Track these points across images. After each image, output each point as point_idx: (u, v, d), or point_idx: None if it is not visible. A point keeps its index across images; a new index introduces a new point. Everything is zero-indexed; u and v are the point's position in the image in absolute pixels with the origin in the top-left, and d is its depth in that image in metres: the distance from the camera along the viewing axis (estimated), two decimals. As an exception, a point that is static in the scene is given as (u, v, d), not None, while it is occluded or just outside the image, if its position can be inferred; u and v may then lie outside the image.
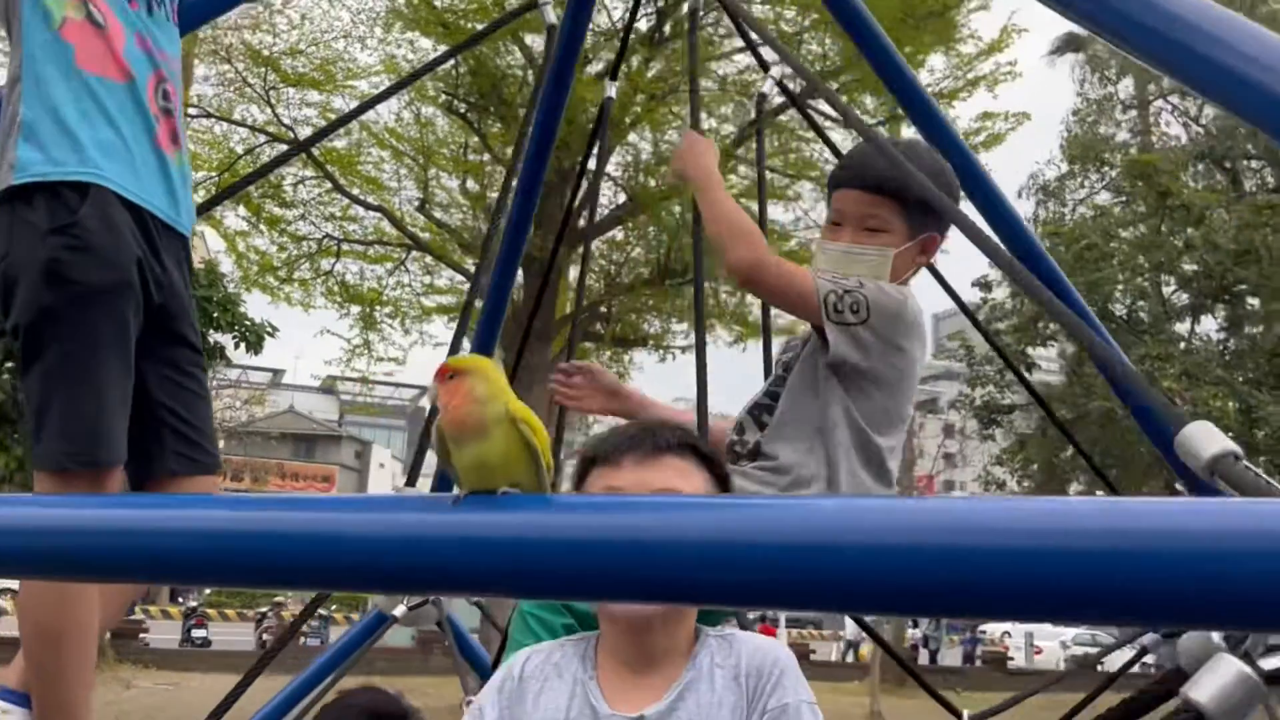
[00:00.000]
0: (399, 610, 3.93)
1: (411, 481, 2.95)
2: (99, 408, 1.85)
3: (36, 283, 1.82)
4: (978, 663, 27.09)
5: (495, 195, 15.48)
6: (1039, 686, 3.21)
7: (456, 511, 1.01)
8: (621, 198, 14.88)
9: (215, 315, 12.65)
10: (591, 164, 4.43)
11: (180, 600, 26.58)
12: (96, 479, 1.86)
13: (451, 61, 14.38)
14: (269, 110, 14.96)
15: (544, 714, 1.52)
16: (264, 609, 24.94)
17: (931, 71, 14.33)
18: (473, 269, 15.57)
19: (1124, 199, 18.72)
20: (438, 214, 15.67)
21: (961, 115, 14.92)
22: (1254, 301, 18.01)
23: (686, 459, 1.58)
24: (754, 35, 3.60)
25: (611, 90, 3.06)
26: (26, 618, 1.93)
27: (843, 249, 2.17)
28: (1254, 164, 20.87)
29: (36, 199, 1.84)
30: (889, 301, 2.09)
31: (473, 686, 3.62)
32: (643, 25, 13.78)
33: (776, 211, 14.88)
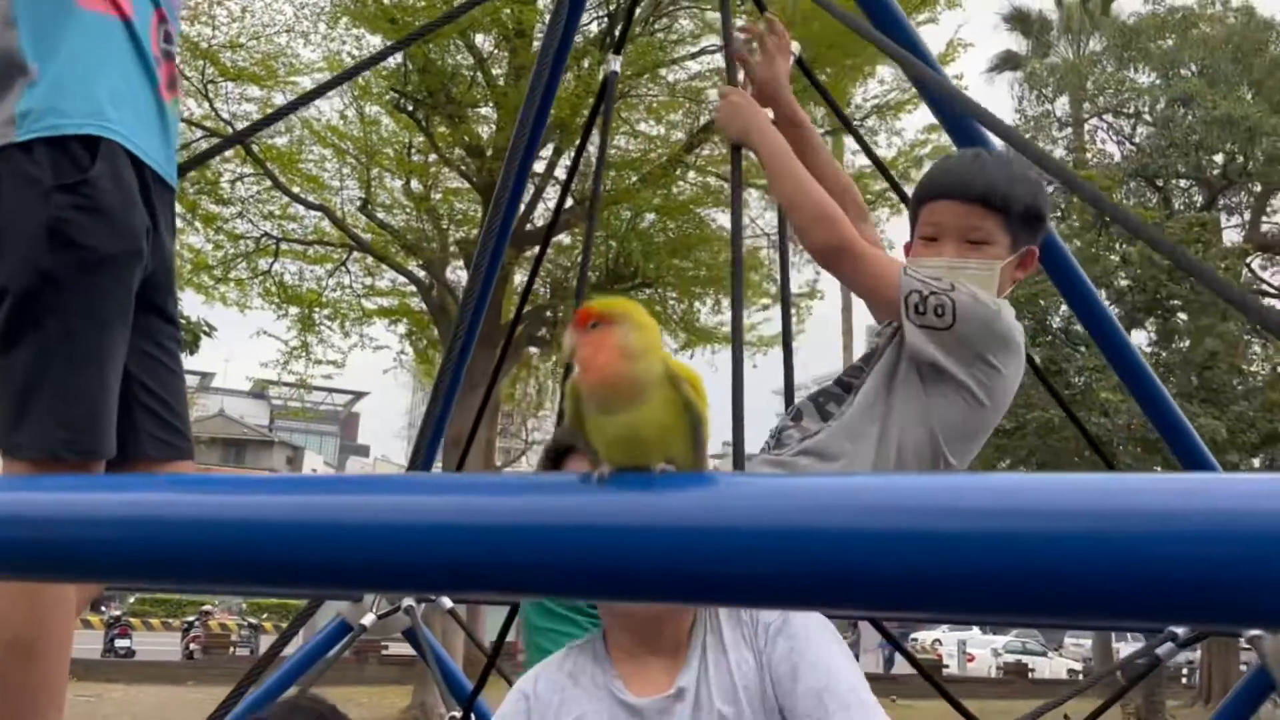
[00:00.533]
0: (368, 619, 3.74)
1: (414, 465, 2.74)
2: (102, 390, 1.65)
3: (37, 243, 1.59)
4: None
5: (439, 196, 15.35)
6: (1069, 694, 3.15)
7: (606, 493, 0.81)
8: (569, 201, 14.72)
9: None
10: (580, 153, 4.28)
11: (103, 609, 25.68)
12: (86, 473, 1.66)
13: (398, 58, 14.15)
14: (206, 104, 14.53)
15: None
16: (191, 618, 24.19)
17: (881, 83, 14.46)
18: (416, 271, 15.31)
19: (1060, 214, 19.05)
20: (380, 215, 15.36)
21: (908, 127, 15.11)
22: (1184, 316, 18.44)
23: None
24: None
25: (615, 64, 2.88)
26: None
27: (945, 264, 2.00)
28: (1183, 183, 21.42)
29: (38, 150, 1.61)
30: (980, 310, 1.93)
31: (451, 703, 3.45)
32: (594, 29, 13.68)
33: (726, 220, 14.86)
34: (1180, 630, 3.13)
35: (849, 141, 16.22)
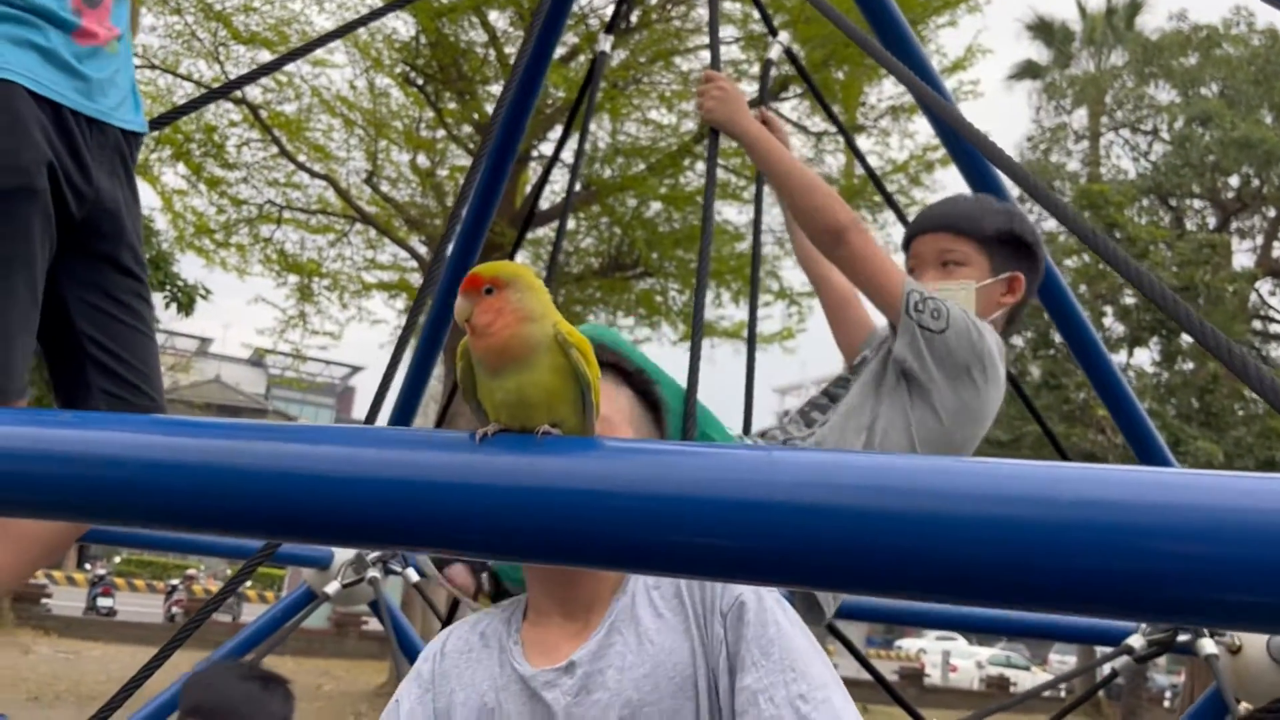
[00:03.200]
0: (332, 588, 3.67)
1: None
2: None
3: None
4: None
5: (446, 173, 15.24)
6: (1004, 704, 3.07)
7: (482, 451, 0.78)
8: (577, 185, 14.63)
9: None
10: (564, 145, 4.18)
11: (88, 567, 25.67)
12: None
13: (412, 33, 14.05)
14: (217, 67, 14.43)
15: (468, 692, 1.32)
16: (174, 581, 24.19)
17: (896, 84, 14.31)
18: (418, 246, 15.22)
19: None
20: (385, 188, 15.28)
21: (920, 130, 14.95)
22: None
23: (606, 378, 1.35)
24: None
25: (606, 44, 2.81)
26: None
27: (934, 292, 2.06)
28: (1196, 204, 21.30)
29: None
30: (968, 326, 1.97)
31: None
32: (609, 13, 13.56)
33: (730, 213, 14.76)
34: (1136, 644, 3.06)
35: (861, 143, 16.10)
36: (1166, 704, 25.77)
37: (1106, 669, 3.19)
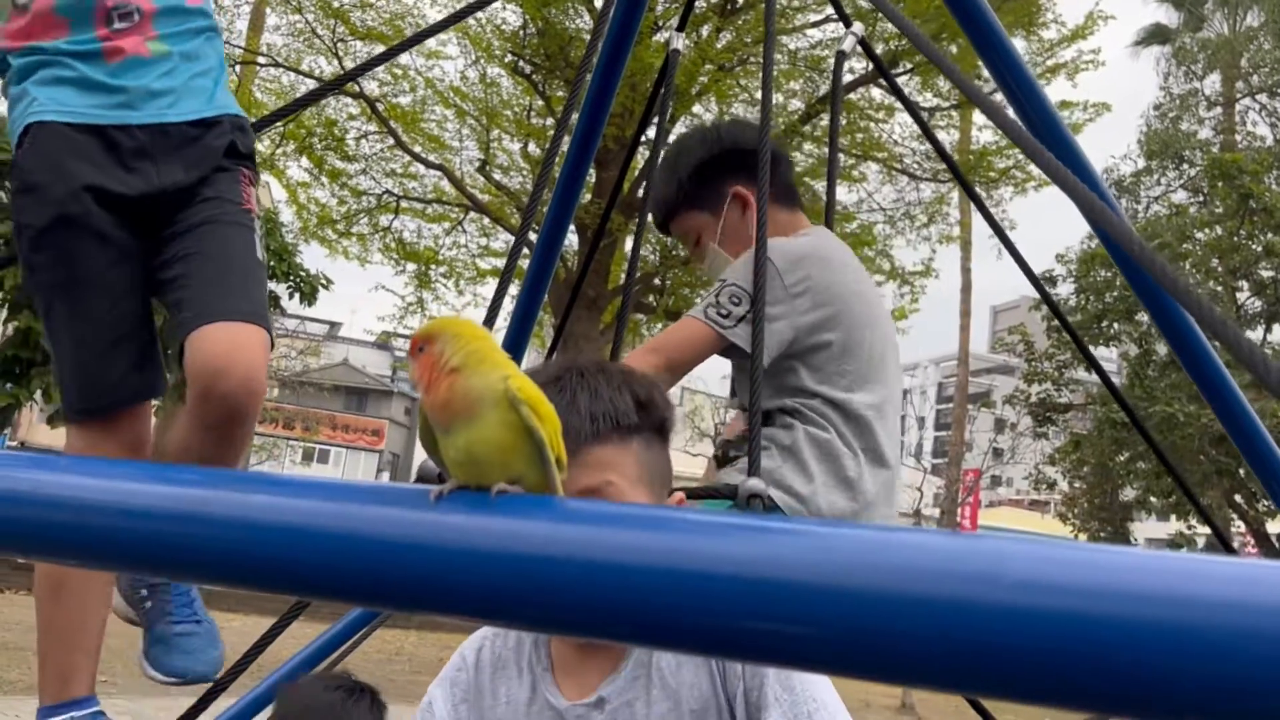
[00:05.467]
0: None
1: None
2: (74, 353, 1.77)
3: (15, 239, 1.78)
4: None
5: (556, 161, 15.34)
6: None
7: (433, 511, 0.79)
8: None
9: (271, 264, 12.69)
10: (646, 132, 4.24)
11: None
12: (105, 427, 1.78)
13: (519, 22, 14.26)
14: (336, 63, 14.91)
15: (504, 711, 1.39)
16: (307, 558, 25.22)
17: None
18: (530, 233, 15.44)
19: (1202, 199, 18.07)
20: (498, 176, 15.56)
21: (1038, 103, 14.45)
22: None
23: (612, 442, 1.30)
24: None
25: (678, 42, 2.84)
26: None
27: (709, 271, 2.22)
28: (1342, 170, 20.06)
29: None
30: (747, 276, 2.03)
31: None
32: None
33: (840, 192, 14.58)
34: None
35: (977, 116, 15.67)
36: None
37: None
